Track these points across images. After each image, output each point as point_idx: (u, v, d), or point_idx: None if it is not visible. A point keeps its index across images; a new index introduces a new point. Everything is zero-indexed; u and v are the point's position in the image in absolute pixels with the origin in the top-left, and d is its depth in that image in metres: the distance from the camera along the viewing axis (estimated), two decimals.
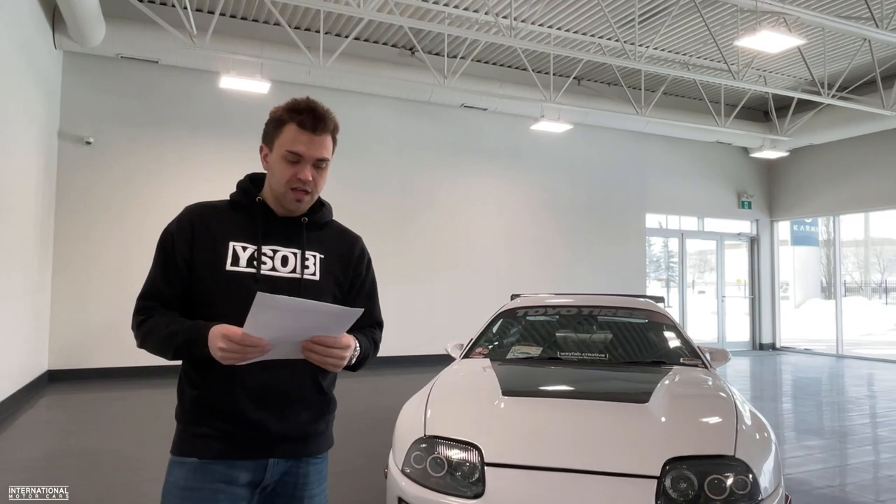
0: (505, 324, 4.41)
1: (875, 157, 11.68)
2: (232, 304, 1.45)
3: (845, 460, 5.07)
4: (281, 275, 1.56)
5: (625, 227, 12.09)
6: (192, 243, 1.54)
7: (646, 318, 4.34)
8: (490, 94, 9.80)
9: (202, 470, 1.48)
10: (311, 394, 1.60)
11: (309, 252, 1.62)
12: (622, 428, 2.70)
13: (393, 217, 10.11)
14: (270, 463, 1.54)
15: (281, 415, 1.53)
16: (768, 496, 2.40)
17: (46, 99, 7.45)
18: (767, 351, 13.32)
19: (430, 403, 2.97)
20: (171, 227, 1.58)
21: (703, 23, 8.25)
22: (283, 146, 1.55)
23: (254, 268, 1.54)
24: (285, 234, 1.61)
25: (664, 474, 2.37)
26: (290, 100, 1.58)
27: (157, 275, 1.54)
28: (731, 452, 2.47)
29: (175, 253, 1.54)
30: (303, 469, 1.60)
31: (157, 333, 1.47)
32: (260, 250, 1.56)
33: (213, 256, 1.53)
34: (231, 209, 1.62)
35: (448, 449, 2.61)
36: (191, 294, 1.54)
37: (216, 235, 1.55)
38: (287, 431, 1.55)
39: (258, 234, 1.58)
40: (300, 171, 1.54)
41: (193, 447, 1.50)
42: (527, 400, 3.04)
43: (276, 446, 1.54)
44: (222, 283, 1.51)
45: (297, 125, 1.54)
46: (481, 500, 2.38)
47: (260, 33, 8.64)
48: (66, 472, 4.31)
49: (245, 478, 1.51)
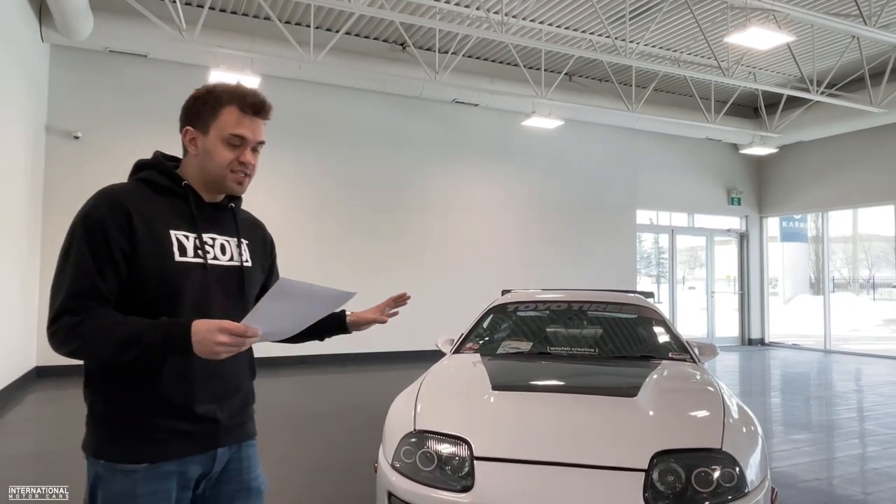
0: (495, 319, 4.42)
1: (863, 154, 11.78)
2: (186, 297, 1.42)
3: (832, 454, 5.12)
4: (223, 263, 1.53)
5: (615, 223, 12.14)
6: (132, 233, 1.39)
7: (635, 313, 4.37)
8: (481, 89, 9.79)
9: (153, 474, 1.41)
10: (247, 381, 1.62)
11: (242, 239, 1.61)
12: (610, 422, 2.72)
13: (383, 213, 10.09)
14: (219, 453, 1.52)
15: (225, 403, 1.52)
16: (755, 489, 2.42)
17: (33, 93, 7.38)
18: (756, 346, 13.42)
19: (420, 398, 2.97)
20: (99, 215, 1.39)
21: (693, 19, 8.28)
22: (224, 129, 1.48)
23: (200, 257, 1.47)
24: (217, 222, 1.57)
25: (652, 467, 2.39)
26: (218, 83, 1.54)
27: (89, 269, 1.35)
28: (718, 446, 2.49)
29: (111, 245, 1.37)
30: (244, 453, 1.60)
31: (113, 334, 1.32)
32: (202, 238, 1.50)
33: (158, 248, 1.42)
34: (154, 193, 1.49)
35: (437, 443, 2.62)
36: (130, 289, 1.39)
37: (156, 224, 1.43)
38: (232, 420, 1.54)
39: (196, 222, 1.50)
40: (242, 155, 1.50)
41: (142, 453, 1.40)
42: (516, 394, 3.05)
43: (223, 435, 1.53)
44: (172, 275, 1.41)
45: (239, 108, 1.49)
46: (470, 493, 2.39)
47: (250, 27, 8.59)
48: (58, 469, 4.28)
49: (195, 471, 1.48)
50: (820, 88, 9.74)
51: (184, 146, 1.55)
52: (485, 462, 2.48)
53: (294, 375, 8.48)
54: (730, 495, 2.35)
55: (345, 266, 9.63)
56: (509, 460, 2.50)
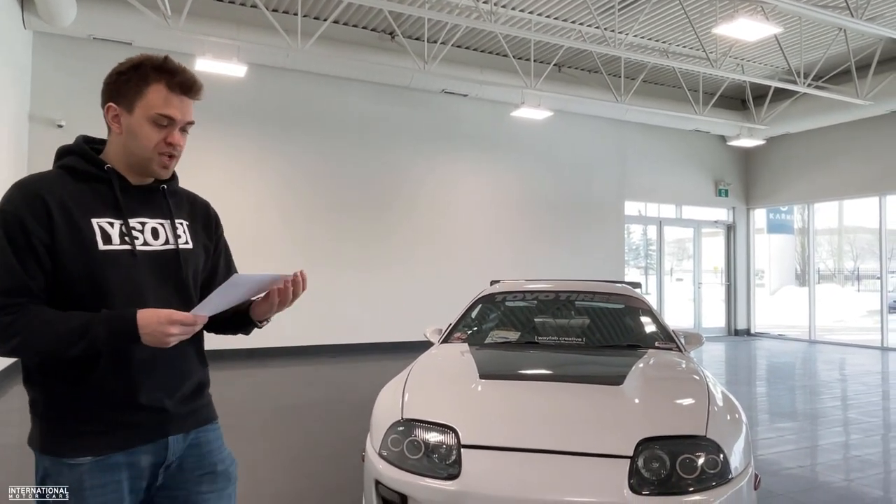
0: (484, 309, 4.43)
1: (849, 146, 11.88)
2: (114, 287, 1.36)
3: (816, 441, 5.19)
4: (155, 248, 1.46)
5: (604, 214, 12.18)
6: (51, 226, 1.33)
7: (622, 303, 4.39)
8: (471, 79, 9.76)
9: (99, 466, 1.37)
10: (195, 365, 1.55)
11: (177, 220, 1.53)
12: (596, 409, 2.74)
13: (371, 204, 10.06)
14: (171, 441, 1.47)
15: (173, 391, 1.47)
16: (738, 475, 2.44)
17: (16, 80, 7.26)
18: (742, 336, 13.55)
19: (408, 387, 2.97)
20: (16, 210, 1.32)
21: (682, 10, 8.29)
22: (151, 108, 1.40)
23: (128, 244, 1.41)
24: (147, 204, 1.49)
25: (637, 454, 2.40)
26: (143, 55, 1.44)
27: (14, 266, 1.29)
28: (702, 433, 2.51)
29: (31, 239, 1.31)
30: (203, 437, 1.56)
31: (53, 330, 1.28)
32: (128, 224, 1.42)
33: (80, 238, 1.35)
34: (74, 180, 1.41)
35: (425, 432, 2.62)
36: (57, 283, 1.34)
37: (75, 213, 1.36)
38: (181, 406, 1.49)
39: (120, 207, 1.43)
40: (170, 136, 1.43)
41: (84, 446, 1.36)
42: (504, 383, 3.06)
43: (174, 422, 1.48)
44: (97, 266, 1.35)
45: (167, 86, 1.41)
46: (457, 481, 2.39)
47: (237, 15, 8.48)
48: None
49: (147, 461, 1.44)
50: (807, 80, 9.79)
51: (107, 125, 1.46)
52: (472, 450, 2.49)
53: (283, 366, 8.46)
54: (714, 481, 2.38)
55: (332, 257, 9.60)
56: (496, 448, 2.51)
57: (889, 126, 11.10)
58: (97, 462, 1.37)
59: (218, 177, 8.66)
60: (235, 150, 9.07)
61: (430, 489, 2.41)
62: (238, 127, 9.06)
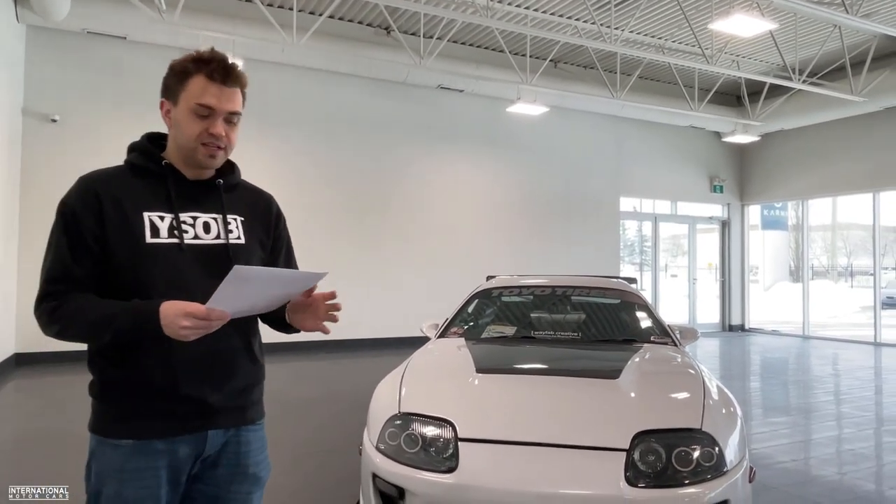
0: (480, 304, 4.44)
1: (843, 143, 11.92)
2: (159, 279, 1.39)
3: (809, 435, 5.23)
4: (206, 242, 1.48)
5: (599, 210, 12.20)
6: (102, 218, 1.40)
7: (618, 298, 4.41)
8: (466, 75, 9.75)
9: (140, 450, 1.41)
10: (244, 361, 1.55)
11: (230, 216, 1.55)
12: (593, 403, 2.75)
13: (366, 199, 10.05)
14: (210, 434, 1.49)
15: (218, 386, 1.48)
16: (733, 468, 2.46)
17: (9, 74, 7.21)
18: (737, 332, 13.62)
19: (405, 381, 2.98)
20: (72, 202, 1.41)
21: (678, 6, 8.29)
22: (190, 99, 1.43)
23: (176, 238, 1.44)
24: (201, 199, 1.52)
25: (633, 447, 2.41)
26: (193, 51, 1.48)
27: (65, 255, 1.39)
28: (697, 426, 2.53)
29: (82, 230, 1.39)
30: (244, 437, 1.56)
31: (85, 318, 1.35)
32: (178, 218, 1.46)
33: (128, 231, 1.41)
34: (133, 175, 1.48)
35: (422, 425, 2.62)
36: (106, 273, 1.41)
37: (127, 207, 1.42)
38: (225, 402, 1.50)
39: (173, 201, 1.47)
40: (211, 126, 1.45)
41: (129, 429, 1.41)
42: (500, 377, 3.07)
43: (215, 417, 1.49)
44: (144, 258, 1.40)
45: (206, 76, 1.43)
46: (454, 474, 2.40)
47: (232, 9, 8.43)
48: (39, 456, 4.25)
49: (185, 451, 1.46)
50: (802, 77, 9.82)
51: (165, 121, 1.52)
52: (469, 443, 2.50)
53: (280, 361, 8.45)
54: (709, 474, 2.39)
55: (326, 252, 9.58)
56: (493, 441, 2.52)
57: (883, 123, 11.15)
58: (138, 445, 1.41)
59: None
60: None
61: (428, 482, 2.41)
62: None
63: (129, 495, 1.40)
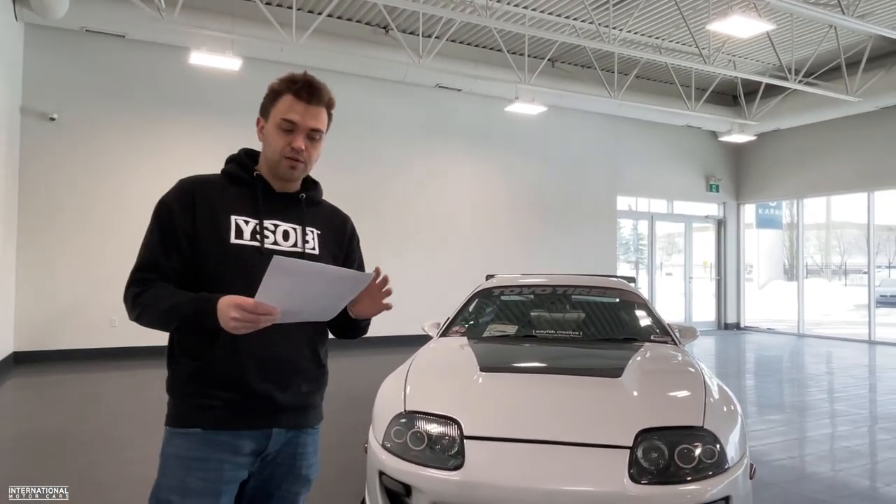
0: (481, 303, 4.47)
1: (838, 142, 12.01)
2: (238, 277, 1.47)
3: (804, 433, 5.29)
4: (283, 248, 1.59)
5: (596, 209, 12.25)
6: (194, 216, 1.53)
7: (618, 297, 4.45)
8: (465, 74, 9.77)
9: (207, 440, 1.48)
10: (310, 365, 1.63)
11: (308, 227, 1.66)
12: (596, 401, 2.79)
13: (365, 198, 10.06)
14: (274, 433, 1.56)
15: (284, 386, 1.56)
16: (734, 464, 2.50)
17: (7, 72, 7.19)
18: (732, 330, 13.70)
19: (410, 380, 3.01)
20: (169, 199, 1.55)
21: (675, 6, 8.34)
22: (277, 115, 1.56)
23: (257, 241, 1.56)
24: (284, 210, 1.64)
25: (636, 445, 2.45)
26: (288, 73, 1.60)
27: (156, 247, 1.52)
28: (699, 424, 2.57)
29: (175, 225, 1.52)
30: (302, 439, 1.64)
31: (159, 305, 1.45)
32: (262, 224, 1.58)
33: (216, 230, 1.53)
34: (228, 183, 1.62)
35: (427, 423, 2.66)
36: (193, 267, 1.53)
37: (217, 209, 1.55)
38: (290, 402, 1.57)
39: (259, 209, 1.59)
40: (294, 140, 1.56)
41: (197, 417, 1.49)
42: (504, 376, 3.11)
43: (280, 416, 1.56)
44: (227, 256, 1.52)
45: (293, 95, 1.56)
46: (461, 471, 2.44)
47: (231, 8, 8.41)
48: (38, 455, 4.27)
49: (249, 447, 1.52)
50: (798, 77, 9.89)
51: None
52: (475, 441, 2.53)
53: None
54: (711, 471, 2.43)
55: None
56: (499, 439, 2.55)
57: (878, 122, 11.23)
58: (205, 435, 1.48)
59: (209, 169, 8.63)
60: (230, 142, 9.01)
61: (435, 480, 2.45)
62: (230, 119, 9.03)
63: (191, 485, 1.46)
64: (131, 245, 6.73)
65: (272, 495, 1.62)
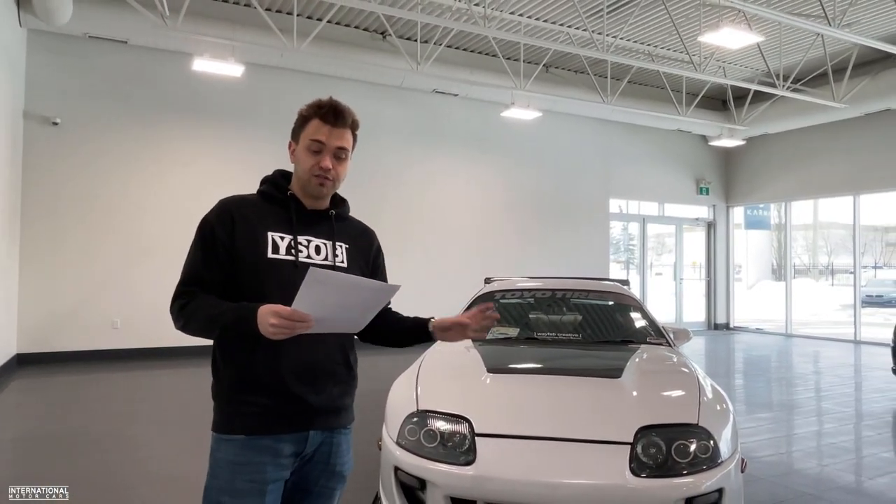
0: None
1: (826, 147, 12.29)
2: (274, 288, 1.60)
3: (791, 430, 5.50)
4: (315, 262, 1.71)
5: (589, 211, 12.47)
6: (233, 233, 1.66)
7: (614, 300, 4.64)
8: (461, 80, 9.93)
9: (250, 445, 1.60)
10: (341, 370, 1.76)
11: (338, 242, 1.80)
12: (598, 400, 2.97)
13: (363, 201, 10.08)
14: (311, 435, 1.68)
15: (318, 389, 1.68)
16: (727, 459, 2.69)
17: (11, 77, 7.28)
18: (722, 330, 13.96)
19: (420, 381, 3.17)
20: (211, 218, 1.69)
21: (667, 15, 8.55)
22: (306, 137, 1.71)
23: (292, 255, 1.69)
24: (315, 226, 1.77)
25: (636, 441, 2.63)
26: (316, 99, 1.76)
27: (198, 261, 1.65)
28: (694, 421, 2.76)
29: (215, 241, 1.65)
30: (336, 439, 1.76)
31: (203, 314, 1.58)
32: (296, 240, 1.71)
33: (254, 245, 1.66)
34: (263, 201, 1.76)
35: (439, 422, 2.82)
36: (233, 280, 1.65)
37: (255, 226, 1.68)
38: (324, 405, 1.69)
39: (293, 225, 1.73)
40: (322, 160, 1.70)
41: (241, 424, 1.61)
42: (510, 377, 3.29)
43: (315, 419, 1.68)
44: (264, 269, 1.65)
45: (320, 119, 1.71)
46: (473, 466, 2.61)
47: (232, 14, 8.54)
48: (49, 453, 4.39)
49: (289, 450, 1.65)
50: (786, 83, 10.14)
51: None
52: (485, 438, 2.71)
53: None
54: (705, 465, 2.62)
55: None
56: (507, 436, 2.73)
57: (864, 128, 11.52)
58: (248, 441, 1.61)
59: (211, 174, 8.76)
60: (233, 149, 9.15)
61: (450, 474, 2.62)
62: (230, 122, 9.16)
63: (239, 486, 1.59)
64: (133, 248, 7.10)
65: (310, 492, 1.74)
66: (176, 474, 3.92)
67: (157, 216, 8.50)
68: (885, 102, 10.51)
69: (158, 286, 8.39)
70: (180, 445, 4.69)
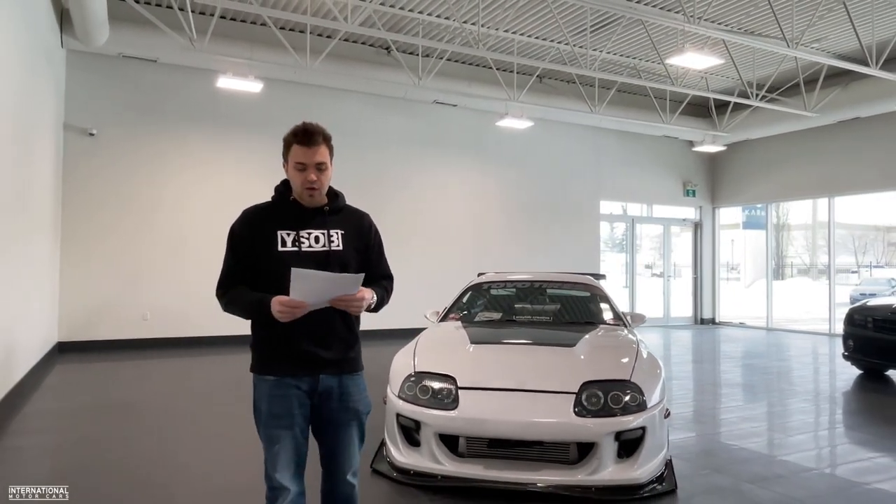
0: (473, 295, 5.49)
1: (802, 152, 13.07)
2: (284, 273, 2.04)
3: (735, 403, 6.31)
4: (315, 250, 2.20)
5: (581, 213, 13.29)
6: (253, 236, 2.20)
7: (584, 290, 5.48)
8: (459, 92, 10.75)
9: (279, 383, 2.18)
10: (342, 331, 2.28)
11: (333, 231, 2.26)
12: (554, 363, 3.83)
13: (368, 204, 10.70)
14: (321, 378, 2.22)
15: (325, 346, 2.22)
16: (652, 407, 3.53)
17: (53, 92, 8.11)
18: (707, 325, 14.76)
19: (417, 351, 4.03)
20: (236, 227, 2.24)
21: (647, 34, 9.36)
22: (292, 160, 2.17)
23: (296, 247, 2.19)
24: (314, 220, 2.25)
25: (580, 392, 3.48)
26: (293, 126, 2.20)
27: (230, 263, 2.23)
28: (628, 378, 3.60)
29: (240, 245, 2.21)
30: (343, 382, 2.27)
31: (237, 303, 2.18)
32: (299, 234, 2.21)
33: (267, 242, 2.17)
34: (274, 206, 2.28)
35: (431, 380, 3.68)
36: (256, 270, 2.19)
37: (267, 227, 2.20)
38: (331, 357, 2.23)
39: (296, 223, 2.22)
40: (307, 176, 2.17)
41: (271, 369, 2.19)
42: (488, 346, 4.15)
43: (323, 367, 2.22)
44: (276, 260, 2.15)
45: (297, 143, 2.16)
46: (456, 410, 3.46)
47: (251, 35, 9.33)
48: (91, 423, 5.25)
49: (305, 387, 2.21)
50: (760, 93, 10.92)
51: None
52: (466, 390, 3.56)
53: None
54: (634, 411, 3.45)
55: None
56: (483, 388, 3.58)
57: (835, 135, 12.30)
58: (277, 381, 2.20)
59: (232, 182, 9.62)
60: (250, 158, 9.98)
61: (439, 416, 3.48)
62: (251, 133, 10.01)
63: (276, 410, 2.18)
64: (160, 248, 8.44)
65: (331, 422, 2.27)
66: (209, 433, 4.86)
67: (182, 219, 9.45)
68: (856, 111, 11.24)
69: (182, 283, 9.33)
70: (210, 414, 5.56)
